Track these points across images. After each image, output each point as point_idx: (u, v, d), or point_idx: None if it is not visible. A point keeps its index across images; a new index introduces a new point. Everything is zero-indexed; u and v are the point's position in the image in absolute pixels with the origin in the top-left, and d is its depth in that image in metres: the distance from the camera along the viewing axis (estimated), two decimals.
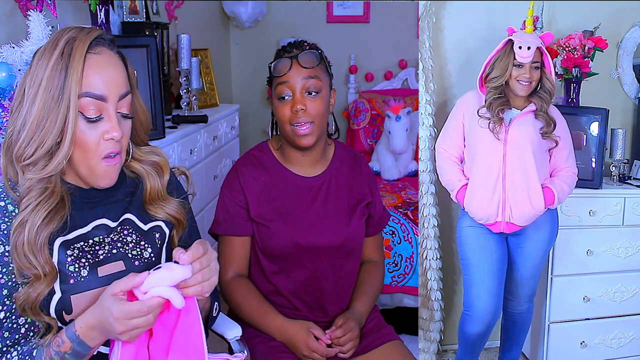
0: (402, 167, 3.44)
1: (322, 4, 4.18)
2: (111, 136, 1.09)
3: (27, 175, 1.09)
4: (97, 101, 1.08)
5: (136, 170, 1.23)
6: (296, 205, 1.66)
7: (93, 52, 1.09)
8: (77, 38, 1.09)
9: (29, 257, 1.06)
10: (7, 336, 1.08)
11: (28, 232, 1.06)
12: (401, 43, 4.04)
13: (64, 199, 1.12)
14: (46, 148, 1.07)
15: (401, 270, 2.75)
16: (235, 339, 1.52)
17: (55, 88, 1.06)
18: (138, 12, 2.68)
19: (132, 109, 1.17)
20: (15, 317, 1.09)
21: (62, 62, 1.06)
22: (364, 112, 3.88)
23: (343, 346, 1.59)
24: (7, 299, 1.08)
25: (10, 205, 1.10)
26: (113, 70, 1.11)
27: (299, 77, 1.58)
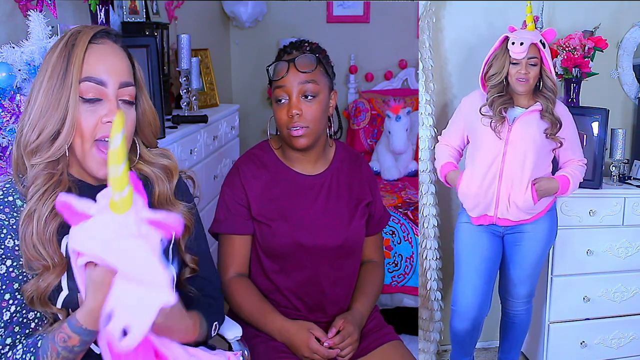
0: (402, 167, 3.44)
1: (322, 4, 4.18)
2: (109, 119, 1.11)
3: (32, 160, 1.11)
4: (97, 86, 1.11)
5: (145, 173, 1.24)
6: (297, 204, 1.66)
7: (96, 42, 1.13)
8: (82, 31, 1.14)
9: (38, 248, 1.07)
10: (18, 330, 1.09)
11: (37, 222, 1.08)
12: (401, 43, 4.03)
13: (72, 190, 1.14)
14: (48, 133, 1.10)
15: (401, 270, 2.75)
16: (236, 339, 1.52)
17: (58, 75, 1.10)
18: (138, 12, 2.68)
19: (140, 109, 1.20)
20: (26, 311, 1.10)
21: (66, 51, 1.11)
22: (364, 112, 3.88)
23: (342, 350, 1.59)
24: (18, 293, 1.09)
25: (19, 200, 1.12)
26: (114, 59, 1.14)
27: (296, 81, 1.57)
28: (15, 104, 1.52)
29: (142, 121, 1.22)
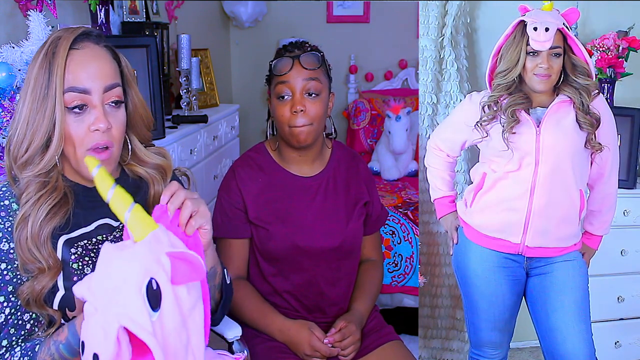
0: (402, 167, 3.44)
1: (322, 4, 4.17)
2: (97, 127, 1.10)
3: (23, 174, 1.11)
4: (81, 95, 1.10)
5: (139, 174, 1.24)
6: (295, 207, 1.66)
7: (76, 47, 1.11)
8: (62, 37, 1.11)
9: (33, 251, 1.07)
10: (13, 332, 1.09)
11: (31, 226, 1.08)
12: (401, 43, 4.03)
13: (67, 195, 1.13)
14: (37, 145, 1.09)
15: (401, 270, 2.75)
16: (235, 339, 1.52)
17: (41, 87, 1.09)
18: (138, 12, 2.68)
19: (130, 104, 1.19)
20: (21, 313, 1.10)
21: (46, 61, 1.09)
22: (364, 112, 3.88)
23: (344, 350, 1.59)
24: (13, 296, 1.09)
25: (15, 204, 1.12)
26: (96, 63, 1.12)
27: (300, 77, 1.57)
28: (15, 104, 1.53)
29: (133, 117, 1.20)
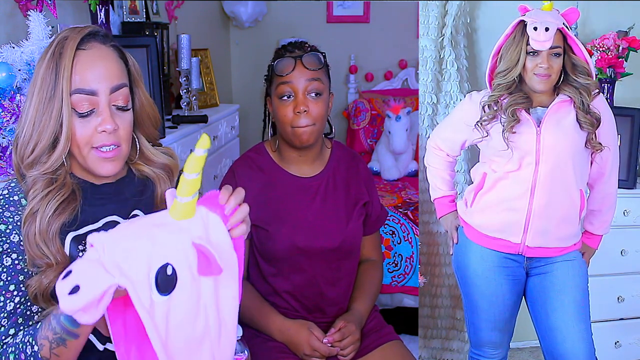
0: (402, 167, 3.44)
1: (322, 4, 4.17)
2: (103, 128, 1.11)
3: (30, 172, 1.12)
4: (88, 96, 1.10)
5: (146, 174, 1.24)
6: (294, 207, 1.66)
7: (83, 48, 1.11)
8: (69, 37, 1.11)
9: (41, 247, 1.08)
10: (21, 322, 1.10)
11: (39, 222, 1.09)
12: (401, 43, 4.03)
13: (75, 192, 1.14)
14: (43, 146, 1.10)
15: (401, 270, 2.75)
16: (236, 339, 1.51)
17: (48, 88, 1.09)
18: (138, 12, 2.68)
19: (137, 103, 1.19)
20: (30, 304, 1.11)
21: (53, 62, 1.09)
22: (364, 112, 3.88)
23: (344, 349, 1.59)
24: (23, 285, 1.10)
25: (24, 199, 1.13)
26: (103, 64, 1.12)
27: (303, 78, 1.57)
28: (15, 104, 1.53)
29: (140, 116, 1.21)
